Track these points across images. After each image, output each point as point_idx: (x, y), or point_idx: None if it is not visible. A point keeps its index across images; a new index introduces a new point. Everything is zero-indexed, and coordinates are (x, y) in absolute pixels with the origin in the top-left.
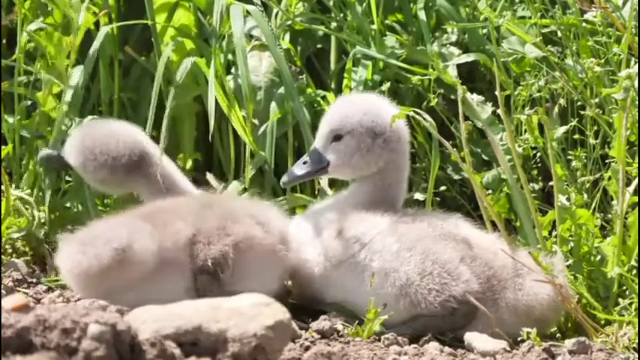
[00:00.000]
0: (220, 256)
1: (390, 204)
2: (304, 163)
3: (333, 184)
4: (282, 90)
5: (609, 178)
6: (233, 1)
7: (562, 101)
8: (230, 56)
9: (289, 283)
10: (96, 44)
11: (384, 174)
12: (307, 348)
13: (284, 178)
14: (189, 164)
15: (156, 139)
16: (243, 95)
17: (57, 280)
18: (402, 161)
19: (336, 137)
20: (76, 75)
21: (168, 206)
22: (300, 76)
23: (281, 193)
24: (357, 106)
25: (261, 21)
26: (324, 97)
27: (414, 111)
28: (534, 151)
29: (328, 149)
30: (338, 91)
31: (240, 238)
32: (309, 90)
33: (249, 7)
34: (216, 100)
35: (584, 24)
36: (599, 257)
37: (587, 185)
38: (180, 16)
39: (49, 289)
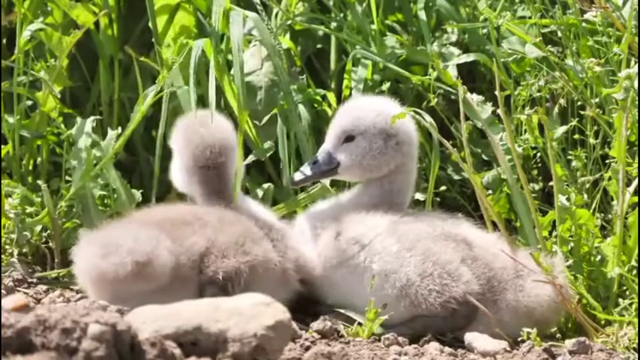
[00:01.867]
0: (233, 271)
1: (396, 208)
2: (314, 163)
3: (334, 184)
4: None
5: (609, 178)
6: (232, 7)
7: (562, 101)
8: (230, 56)
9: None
10: None
11: (392, 177)
12: (307, 348)
13: (293, 178)
14: None
15: (154, 139)
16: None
17: (57, 278)
18: (411, 165)
19: (348, 138)
20: None
21: (187, 217)
22: (301, 76)
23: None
24: (370, 107)
25: (261, 27)
26: (324, 97)
27: (414, 111)
28: (534, 151)
29: (339, 150)
30: (338, 91)
31: (259, 260)
32: (309, 90)
33: (249, 13)
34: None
35: (584, 24)
36: (599, 257)
37: (587, 185)
38: (180, 17)
39: (49, 289)
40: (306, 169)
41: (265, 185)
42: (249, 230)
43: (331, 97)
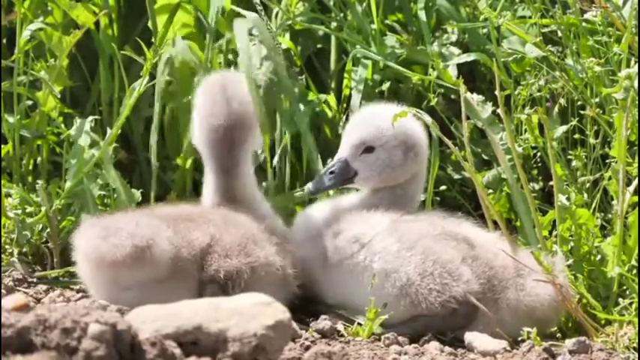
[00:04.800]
0: (234, 271)
1: (406, 211)
2: (331, 173)
3: None
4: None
5: (609, 178)
6: (233, 7)
7: (562, 101)
8: (230, 56)
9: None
10: None
11: (405, 185)
12: (307, 348)
13: (309, 189)
14: (188, 164)
15: (159, 140)
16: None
17: (57, 278)
18: (423, 172)
19: (368, 149)
20: None
21: (192, 213)
22: (300, 77)
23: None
24: (389, 118)
25: (260, 27)
26: (325, 102)
27: (415, 111)
28: (534, 151)
29: (356, 160)
30: (338, 90)
31: (261, 262)
32: (311, 94)
33: (248, 13)
34: None
35: (584, 24)
36: (599, 257)
37: (588, 185)
38: (180, 16)
39: (49, 289)
40: (324, 179)
41: (263, 185)
42: (251, 232)
43: (332, 100)
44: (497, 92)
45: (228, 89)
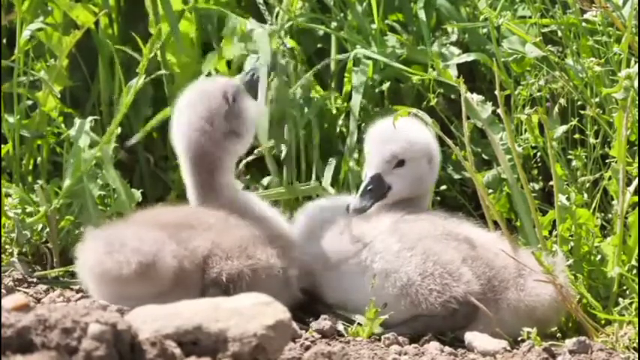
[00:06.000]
0: (236, 273)
1: (407, 211)
2: (369, 189)
3: (334, 183)
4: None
5: (609, 178)
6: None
7: (562, 101)
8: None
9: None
10: None
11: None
12: (307, 348)
13: (351, 211)
14: None
15: (159, 140)
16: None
17: (57, 278)
18: (433, 181)
19: (400, 163)
20: None
21: (191, 220)
22: (307, 76)
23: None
24: (415, 131)
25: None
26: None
27: (415, 111)
28: (534, 151)
29: (390, 174)
30: (338, 90)
31: (262, 265)
32: (318, 89)
33: (255, 26)
34: None
35: (584, 23)
36: (599, 257)
37: (588, 185)
38: (182, 24)
39: (49, 289)
40: (365, 199)
41: (265, 181)
42: (253, 235)
43: (338, 98)
44: (497, 92)
45: (209, 100)
